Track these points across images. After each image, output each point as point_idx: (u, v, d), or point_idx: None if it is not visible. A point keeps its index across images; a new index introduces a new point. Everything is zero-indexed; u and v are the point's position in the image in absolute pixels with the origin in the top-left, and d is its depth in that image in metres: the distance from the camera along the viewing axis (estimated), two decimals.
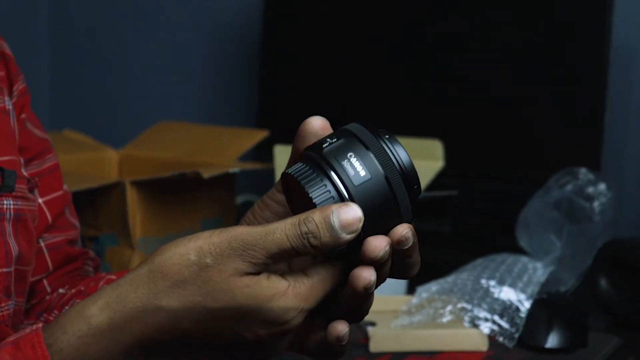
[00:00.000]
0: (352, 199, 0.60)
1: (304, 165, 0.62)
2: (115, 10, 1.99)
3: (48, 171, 0.88)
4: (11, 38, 0.95)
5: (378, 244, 0.61)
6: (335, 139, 0.62)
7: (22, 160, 0.85)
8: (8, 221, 0.77)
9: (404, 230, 0.62)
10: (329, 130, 0.65)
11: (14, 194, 0.78)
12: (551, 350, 1.08)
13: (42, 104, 2.03)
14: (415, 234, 0.63)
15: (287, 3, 1.69)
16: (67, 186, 0.92)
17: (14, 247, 0.77)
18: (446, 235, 1.59)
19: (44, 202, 0.86)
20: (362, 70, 1.63)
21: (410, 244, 0.62)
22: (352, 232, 0.59)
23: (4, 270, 0.76)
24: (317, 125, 0.65)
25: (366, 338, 1.09)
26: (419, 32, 1.59)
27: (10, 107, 0.83)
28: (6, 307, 0.77)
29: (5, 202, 0.77)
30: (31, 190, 0.83)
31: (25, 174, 0.84)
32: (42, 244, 0.86)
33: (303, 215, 0.60)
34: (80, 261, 0.91)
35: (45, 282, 0.87)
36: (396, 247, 0.62)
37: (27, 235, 0.79)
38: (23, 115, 0.86)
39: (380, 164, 0.62)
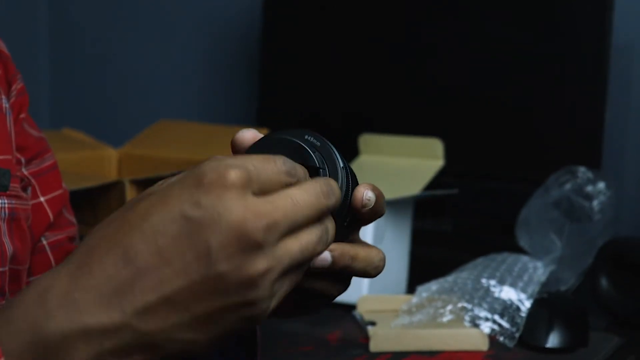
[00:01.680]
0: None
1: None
2: (114, 10, 1.99)
3: (47, 170, 0.88)
4: (11, 38, 0.95)
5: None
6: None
7: (23, 160, 0.85)
8: (3, 220, 0.77)
9: (364, 189, 0.62)
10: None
11: (8, 192, 0.78)
12: (552, 350, 1.08)
13: (41, 103, 2.03)
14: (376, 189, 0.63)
15: (286, 3, 1.69)
16: (65, 184, 0.92)
17: (8, 247, 0.77)
18: (446, 234, 1.59)
19: (46, 201, 0.86)
20: (362, 70, 1.63)
21: (374, 201, 0.62)
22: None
23: None
24: (249, 137, 0.63)
25: (366, 338, 1.09)
26: (419, 32, 1.59)
27: (7, 106, 0.82)
28: None
29: None
30: (24, 189, 0.82)
31: (25, 173, 0.84)
32: (45, 242, 0.86)
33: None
34: None
35: None
36: (362, 209, 0.62)
37: (21, 235, 0.79)
38: (22, 115, 0.86)
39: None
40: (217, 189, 0.53)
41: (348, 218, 0.63)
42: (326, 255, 0.59)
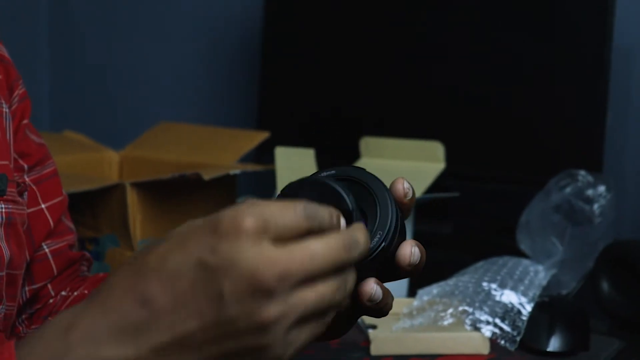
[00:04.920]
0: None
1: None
2: (115, 11, 1.99)
3: (48, 177, 0.88)
4: (11, 38, 0.95)
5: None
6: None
7: (25, 166, 0.85)
8: (0, 225, 0.77)
9: (412, 247, 0.64)
10: None
11: (4, 197, 0.78)
12: (553, 354, 1.08)
13: (42, 105, 2.03)
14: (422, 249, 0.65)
15: (287, 4, 1.69)
16: (65, 188, 0.92)
17: (5, 251, 0.77)
18: (447, 237, 1.59)
19: (46, 208, 0.86)
20: (363, 72, 1.63)
21: (419, 258, 0.64)
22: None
23: None
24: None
25: (367, 341, 1.09)
26: (420, 35, 1.59)
27: (7, 111, 0.82)
28: None
29: None
30: (20, 194, 0.82)
31: (27, 180, 0.84)
32: (47, 250, 0.87)
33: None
34: (78, 263, 0.91)
35: (49, 286, 0.88)
36: (407, 268, 0.64)
37: (17, 240, 0.79)
38: (25, 121, 0.86)
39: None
40: (232, 235, 0.54)
41: (388, 267, 0.64)
42: (378, 290, 0.62)
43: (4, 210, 0.77)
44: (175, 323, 0.54)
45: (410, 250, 0.63)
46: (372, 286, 0.62)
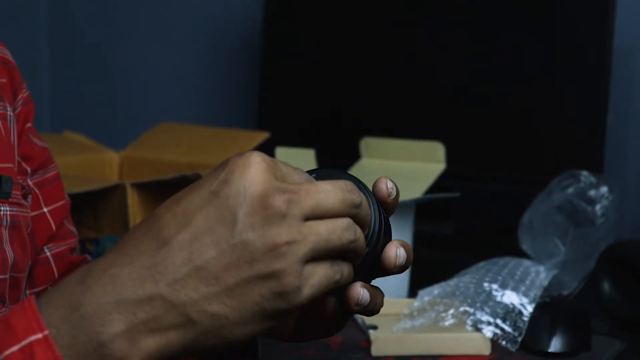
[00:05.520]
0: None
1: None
2: (115, 11, 1.99)
3: (51, 180, 0.88)
4: (11, 39, 0.95)
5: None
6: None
7: (29, 170, 0.85)
8: (5, 227, 0.77)
9: (397, 246, 0.64)
10: None
11: (10, 200, 0.78)
12: (554, 354, 1.08)
13: (42, 105, 2.03)
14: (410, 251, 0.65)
15: (287, 5, 1.69)
16: (66, 189, 0.92)
17: (9, 254, 0.77)
18: (448, 237, 1.59)
19: (49, 212, 0.87)
20: (363, 73, 1.63)
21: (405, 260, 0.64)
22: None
23: (0, 277, 0.76)
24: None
25: (368, 342, 1.09)
26: (421, 36, 1.59)
27: (11, 114, 0.82)
28: (1, 314, 0.77)
29: (2, 208, 0.77)
30: (25, 197, 0.82)
31: (30, 183, 0.84)
32: (48, 254, 0.87)
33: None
34: (79, 266, 0.91)
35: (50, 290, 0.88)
36: (393, 269, 0.64)
37: (21, 242, 0.79)
38: (28, 125, 0.86)
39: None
40: (242, 167, 0.57)
41: (374, 268, 0.64)
42: (365, 294, 0.62)
43: (9, 212, 0.77)
44: (193, 254, 0.56)
45: (395, 253, 0.63)
46: (358, 290, 0.62)
